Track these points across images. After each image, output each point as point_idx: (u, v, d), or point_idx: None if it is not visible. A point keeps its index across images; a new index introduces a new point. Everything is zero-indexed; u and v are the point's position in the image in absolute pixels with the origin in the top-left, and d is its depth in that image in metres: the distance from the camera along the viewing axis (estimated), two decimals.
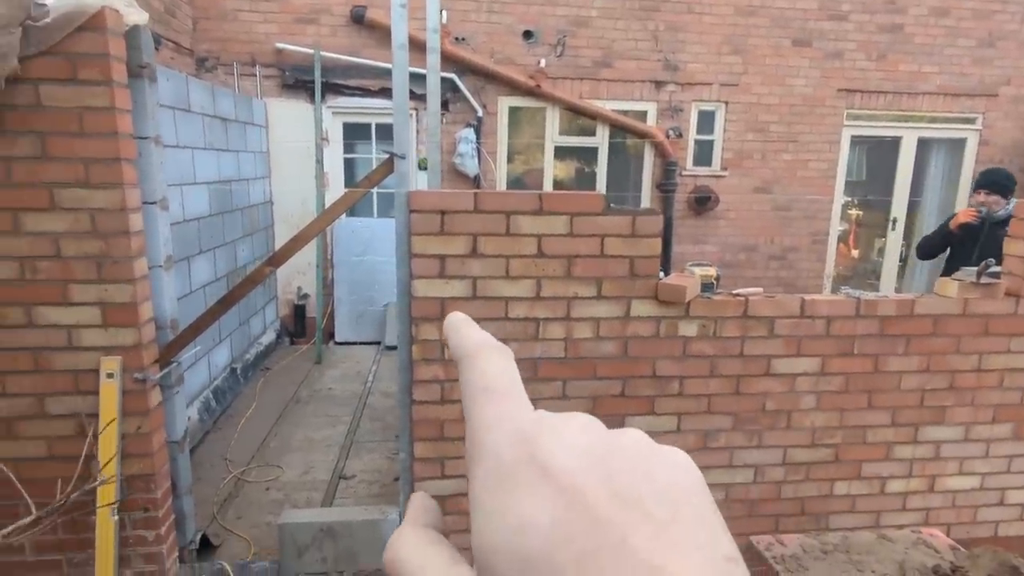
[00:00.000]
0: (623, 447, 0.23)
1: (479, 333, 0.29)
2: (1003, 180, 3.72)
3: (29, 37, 1.96)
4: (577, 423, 0.24)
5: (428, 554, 0.25)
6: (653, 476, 0.22)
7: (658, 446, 0.24)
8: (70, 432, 2.27)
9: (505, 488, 0.22)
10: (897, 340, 2.54)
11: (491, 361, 0.27)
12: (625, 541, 0.19)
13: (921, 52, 5.88)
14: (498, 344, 0.28)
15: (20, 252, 2.12)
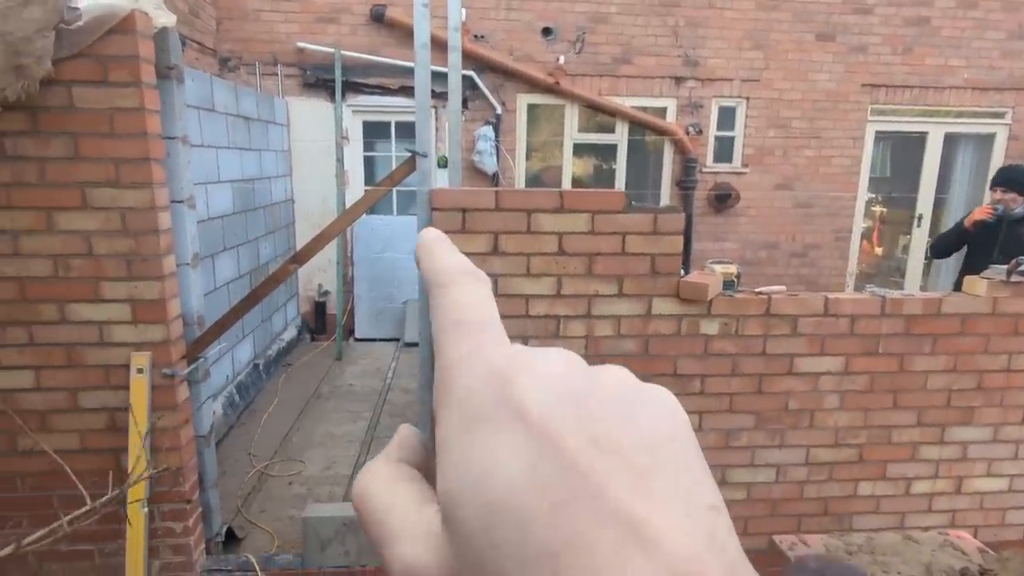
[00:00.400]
0: (603, 386, 0.21)
1: (455, 257, 0.26)
2: (1020, 177, 3.63)
3: (62, 40, 2.00)
4: (556, 359, 0.22)
5: (397, 491, 0.23)
6: (635, 420, 0.20)
7: (642, 385, 0.22)
8: (101, 426, 2.33)
9: (474, 430, 0.20)
10: (924, 339, 2.50)
11: (465, 291, 0.25)
12: (602, 490, 0.18)
13: (948, 45, 5.76)
14: (475, 270, 0.26)
15: (54, 250, 2.17)
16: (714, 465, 2.57)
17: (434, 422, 0.22)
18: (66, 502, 2.38)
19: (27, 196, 2.12)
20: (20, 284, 2.19)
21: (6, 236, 2.14)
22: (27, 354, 2.24)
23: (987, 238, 3.62)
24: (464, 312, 0.24)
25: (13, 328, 2.22)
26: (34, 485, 2.35)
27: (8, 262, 2.16)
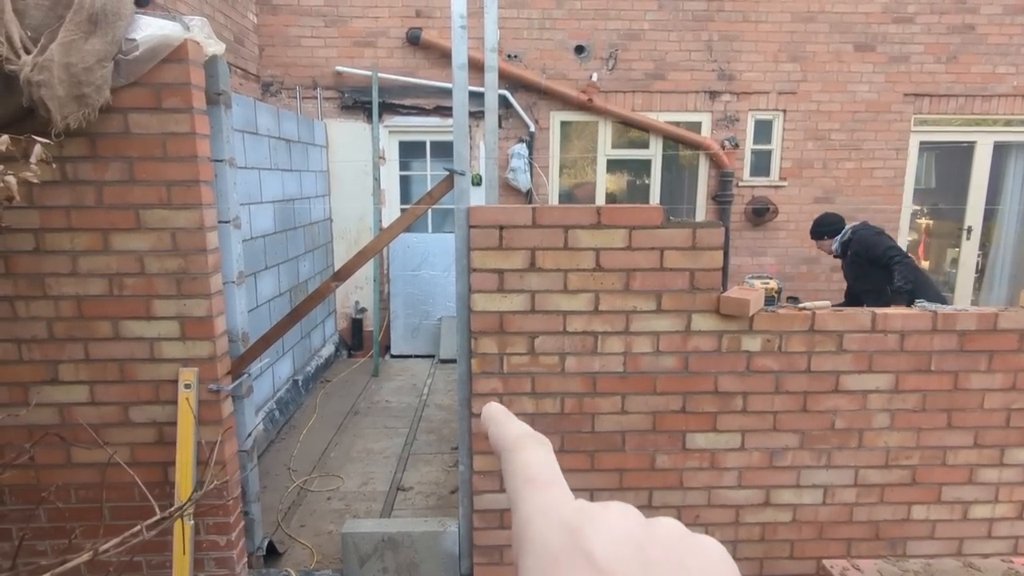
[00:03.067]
0: (659, 537, 0.24)
1: (518, 425, 0.31)
2: (820, 225, 4.26)
3: (120, 70, 2.11)
4: (616, 512, 0.25)
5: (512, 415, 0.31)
6: (686, 567, 0.23)
7: (691, 535, 0.25)
8: (151, 439, 2.39)
9: (549, 574, 0.23)
10: (979, 356, 2.40)
11: (532, 453, 0.29)
12: None
13: (995, 52, 5.59)
14: (537, 435, 0.31)
15: (109, 270, 2.26)
16: (758, 485, 2.50)
17: (515, 568, 0.26)
18: (115, 512, 2.45)
19: (85, 218, 2.22)
20: (78, 302, 2.28)
21: (65, 256, 2.25)
22: (83, 369, 2.33)
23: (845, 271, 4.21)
24: (533, 471, 0.28)
25: (71, 344, 2.31)
26: (86, 496, 2.42)
27: (67, 281, 2.26)
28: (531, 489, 0.27)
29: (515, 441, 0.30)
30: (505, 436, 0.31)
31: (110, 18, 2.02)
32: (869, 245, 3.90)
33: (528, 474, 0.28)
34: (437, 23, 5.43)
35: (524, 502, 0.27)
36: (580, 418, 2.44)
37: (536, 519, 0.26)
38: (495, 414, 0.33)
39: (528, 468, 0.28)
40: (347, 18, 5.48)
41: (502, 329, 2.38)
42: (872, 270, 3.87)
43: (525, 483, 0.28)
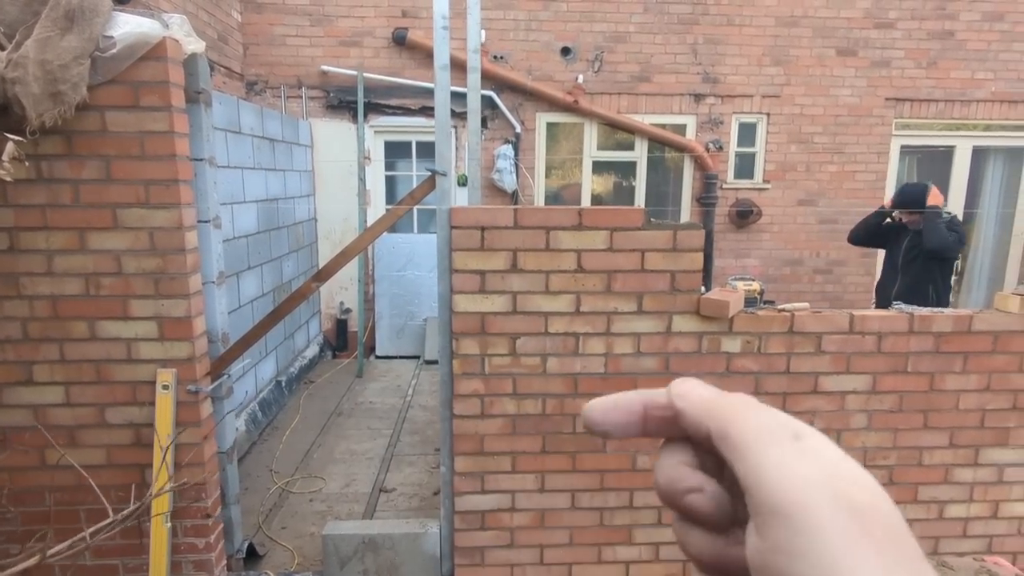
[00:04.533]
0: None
1: (711, 390, 0.29)
2: (909, 198, 3.86)
3: (97, 67, 2.08)
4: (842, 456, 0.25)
5: None
6: None
7: None
8: (127, 441, 2.37)
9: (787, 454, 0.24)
10: (954, 358, 2.44)
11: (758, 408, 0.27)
12: None
13: (974, 58, 5.68)
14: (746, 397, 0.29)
15: (85, 269, 2.23)
16: None
17: None
18: (92, 515, 2.42)
19: (61, 217, 2.19)
20: (53, 302, 2.25)
21: (41, 255, 2.21)
22: (58, 370, 2.30)
23: (896, 242, 3.91)
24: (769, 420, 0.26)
25: (46, 345, 2.28)
26: (61, 499, 2.39)
27: (42, 281, 2.23)
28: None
29: (732, 402, 0.28)
30: (719, 402, 0.28)
31: (87, 15, 2.00)
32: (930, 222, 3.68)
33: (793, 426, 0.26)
34: (423, 23, 5.42)
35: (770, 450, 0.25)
36: (562, 419, 2.45)
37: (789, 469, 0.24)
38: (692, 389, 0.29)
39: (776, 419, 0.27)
40: (333, 17, 5.46)
41: (484, 330, 2.38)
42: (937, 267, 3.73)
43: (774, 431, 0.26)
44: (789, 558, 0.22)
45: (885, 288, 4.01)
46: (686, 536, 0.29)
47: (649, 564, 2.58)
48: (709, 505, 0.27)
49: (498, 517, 2.51)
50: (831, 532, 0.22)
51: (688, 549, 0.29)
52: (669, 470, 0.29)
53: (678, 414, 0.28)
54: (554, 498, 2.51)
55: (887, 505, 0.23)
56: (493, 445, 2.46)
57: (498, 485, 2.49)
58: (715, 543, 0.28)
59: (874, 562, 0.21)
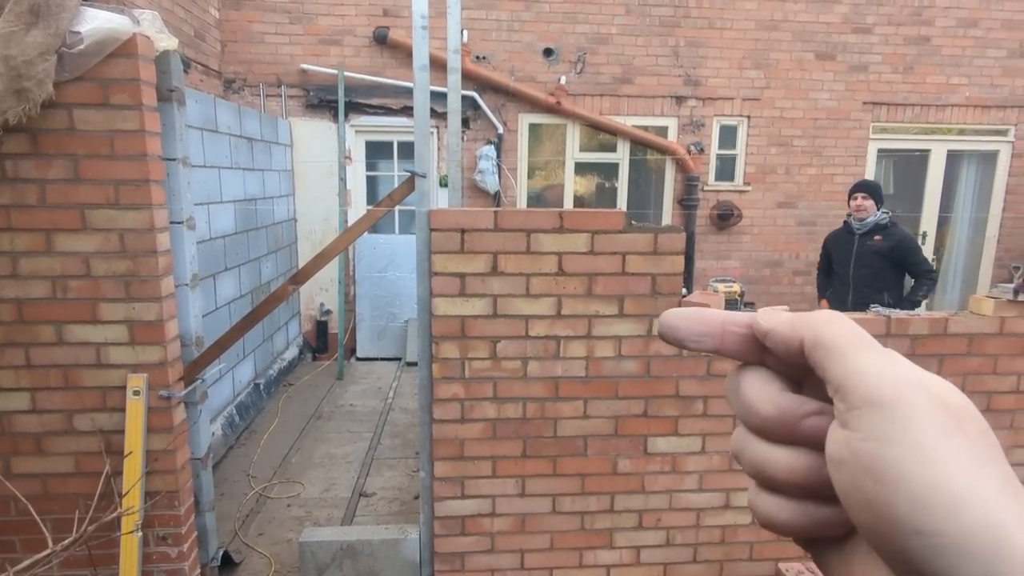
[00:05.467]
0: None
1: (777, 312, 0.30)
2: (876, 187, 3.92)
3: (64, 63, 2.02)
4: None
5: None
6: None
7: None
8: (97, 448, 2.30)
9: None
10: (930, 360, 2.46)
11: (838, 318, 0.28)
12: None
13: (949, 64, 5.78)
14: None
15: (52, 271, 2.17)
16: (718, 488, 2.52)
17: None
18: (58, 525, 2.35)
19: (27, 218, 2.13)
20: (18, 305, 2.18)
21: (5, 257, 2.14)
22: (23, 376, 2.23)
23: (844, 255, 3.91)
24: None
25: (11, 349, 2.21)
26: (25, 510, 2.31)
27: (6, 283, 2.16)
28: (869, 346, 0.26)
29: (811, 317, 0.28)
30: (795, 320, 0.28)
31: (53, 9, 1.93)
32: (912, 248, 3.76)
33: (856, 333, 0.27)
34: (404, 22, 5.37)
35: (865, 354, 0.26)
36: (542, 423, 2.43)
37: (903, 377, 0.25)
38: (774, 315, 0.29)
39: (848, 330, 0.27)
40: (313, 15, 5.39)
41: (464, 334, 2.35)
42: (890, 272, 3.73)
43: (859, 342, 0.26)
44: (881, 444, 0.23)
45: (837, 298, 3.93)
46: (775, 461, 0.28)
47: (630, 567, 2.57)
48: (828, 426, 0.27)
49: (478, 522, 2.48)
50: (927, 422, 0.23)
51: (772, 473, 0.28)
52: (777, 397, 0.28)
53: (767, 333, 0.28)
54: (535, 502, 2.49)
55: (975, 411, 0.24)
56: (473, 449, 2.43)
57: (478, 490, 2.46)
58: (812, 464, 0.27)
59: (967, 453, 0.22)
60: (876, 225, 3.76)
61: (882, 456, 0.23)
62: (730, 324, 0.30)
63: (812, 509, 0.27)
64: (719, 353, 0.30)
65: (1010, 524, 0.21)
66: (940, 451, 0.22)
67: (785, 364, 0.29)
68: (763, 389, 0.29)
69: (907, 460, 0.22)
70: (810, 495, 0.27)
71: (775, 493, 0.28)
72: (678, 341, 0.31)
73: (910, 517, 0.22)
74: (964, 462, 0.22)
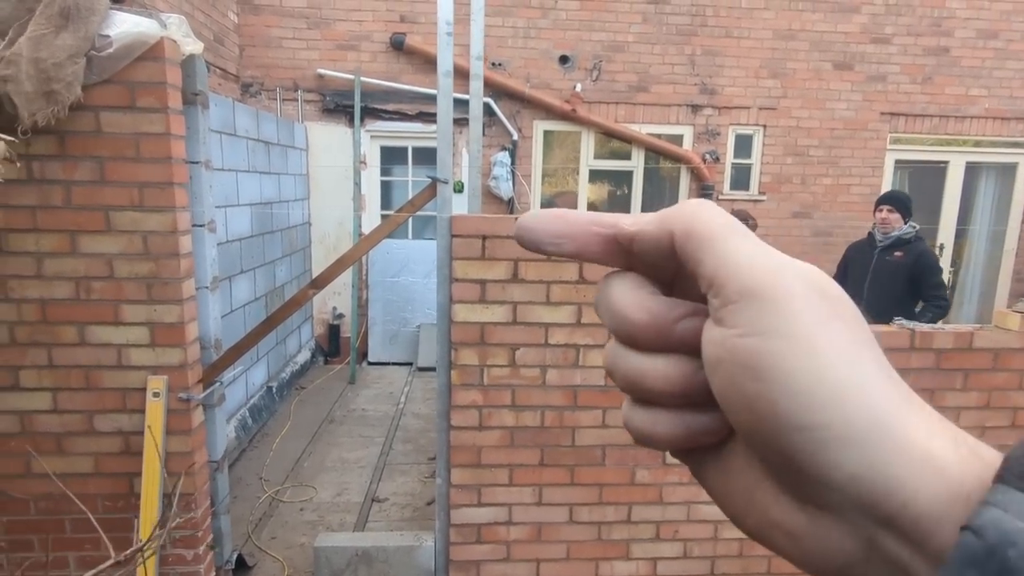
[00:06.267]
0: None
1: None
2: (904, 199, 3.72)
3: (92, 66, 2.03)
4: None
5: None
6: None
7: None
8: (116, 449, 2.31)
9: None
10: (954, 374, 2.43)
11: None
12: None
13: (968, 75, 5.74)
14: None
15: (76, 272, 2.18)
16: None
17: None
18: (77, 526, 2.36)
19: (52, 219, 2.14)
20: (42, 306, 2.19)
21: (30, 258, 2.16)
22: (46, 376, 2.24)
23: (862, 267, 3.72)
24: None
25: (34, 349, 2.22)
26: (46, 508, 2.33)
27: (31, 284, 2.17)
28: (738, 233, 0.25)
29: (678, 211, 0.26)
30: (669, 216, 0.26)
31: (83, 13, 1.95)
32: (932, 267, 3.55)
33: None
34: (421, 29, 5.40)
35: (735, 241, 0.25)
36: (560, 432, 2.42)
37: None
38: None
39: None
40: (330, 21, 5.43)
41: (483, 340, 2.34)
42: (905, 292, 3.55)
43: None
44: (762, 338, 0.22)
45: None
46: (648, 371, 0.26)
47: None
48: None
49: (494, 531, 2.47)
50: (806, 310, 0.22)
51: (647, 384, 0.26)
52: (649, 302, 0.26)
53: (634, 237, 0.26)
54: (552, 512, 2.47)
55: (848, 298, 0.24)
56: (490, 457, 2.42)
57: (495, 498, 2.45)
58: (688, 370, 0.25)
59: (845, 338, 0.22)
60: (899, 239, 3.59)
61: (761, 351, 0.22)
62: (595, 225, 0.28)
63: (690, 418, 0.26)
64: (581, 257, 0.28)
65: (889, 410, 0.21)
66: (820, 340, 0.21)
67: (655, 268, 0.27)
68: (633, 295, 0.27)
69: (788, 353, 0.21)
70: (687, 403, 0.26)
71: (650, 406, 0.27)
72: (535, 244, 0.28)
73: (793, 413, 0.21)
74: (844, 349, 0.21)
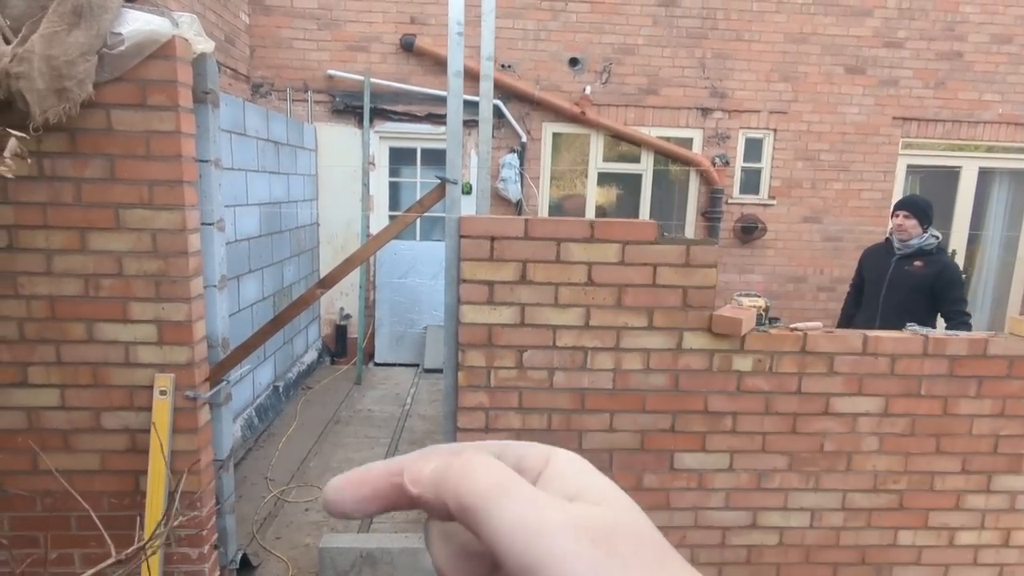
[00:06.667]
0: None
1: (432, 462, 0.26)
2: (923, 204, 3.47)
3: (104, 64, 2.04)
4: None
5: None
6: None
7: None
8: (122, 447, 2.31)
9: None
10: (968, 382, 2.40)
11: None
12: None
13: (982, 80, 5.68)
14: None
15: (85, 270, 2.18)
16: (745, 507, 2.47)
17: None
18: (82, 523, 2.36)
19: (62, 216, 2.14)
20: (51, 302, 2.20)
21: (40, 255, 2.16)
22: (54, 372, 2.24)
23: (878, 275, 3.51)
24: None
25: (42, 346, 2.22)
26: (52, 505, 2.33)
27: (40, 280, 2.18)
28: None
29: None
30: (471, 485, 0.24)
31: (95, 11, 1.96)
32: (955, 281, 3.30)
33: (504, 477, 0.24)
34: (431, 30, 5.40)
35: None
36: (567, 435, 2.40)
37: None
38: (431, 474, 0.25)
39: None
40: (341, 22, 5.44)
41: (490, 342, 2.33)
42: (923, 304, 3.31)
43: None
44: None
45: (866, 322, 3.51)
46: None
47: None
48: None
49: None
50: (580, 569, 0.21)
51: None
52: (452, 561, 0.26)
53: (416, 500, 0.25)
54: None
55: (627, 515, 0.23)
56: None
57: None
58: None
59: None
60: (920, 250, 3.35)
61: None
62: (394, 476, 0.26)
63: None
64: (395, 509, 0.26)
65: None
66: None
67: None
68: (440, 550, 0.26)
69: None
70: None
71: None
72: (344, 515, 0.27)
73: None
74: None
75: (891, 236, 3.54)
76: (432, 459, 0.26)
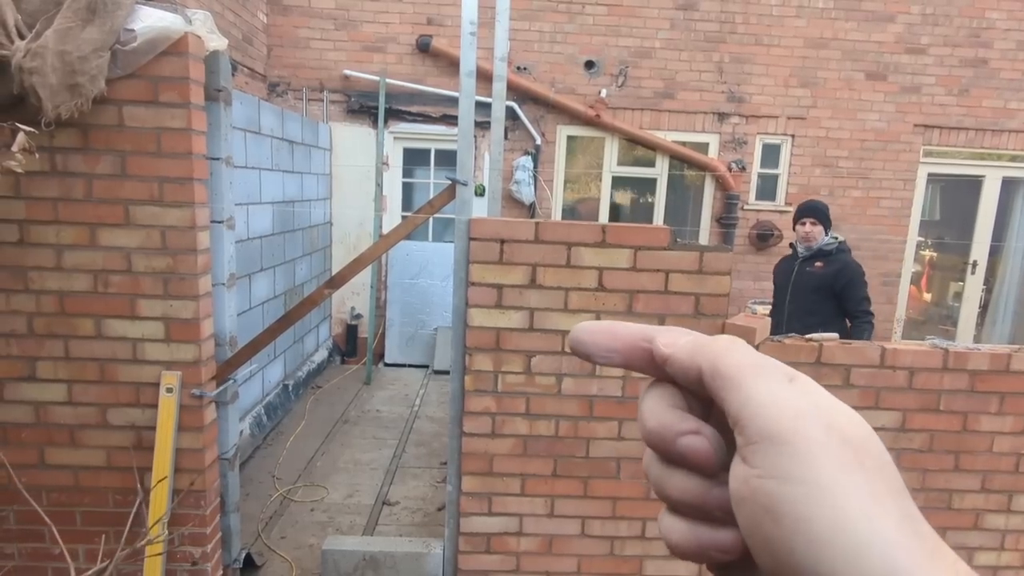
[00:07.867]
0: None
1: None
2: (824, 208, 3.51)
3: (116, 60, 2.04)
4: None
5: None
6: None
7: None
8: (128, 444, 2.30)
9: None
10: (990, 398, 2.32)
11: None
12: None
13: (1008, 87, 5.56)
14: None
15: (95, 265, 2.18)
16: None
17: None
18: (87, 518, 2.36)
19: (73, 211, 2.15)
20: (60, 298, 2.20)
21: (50, 250, 2.17)
22: (62, 368, 2.25)
23: (784, 280, 3.58)
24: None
25: (51, 341, 2.23)
26: (58, 500, 2.33)
27: (50, 276, 2.18)
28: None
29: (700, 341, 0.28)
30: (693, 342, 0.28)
31: (109, 7, 1.96)
32: (855, 280, 3.34)
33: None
34: (448, 32, 5.39)
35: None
36: (575, 442, 2.36)
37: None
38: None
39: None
40: (358, 22, 5.45)
41: (498, 346, 2.30)
42: (827, 306, 3.34)
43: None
44: (780, 482, 0.22)
45: (775, 323, 3.39)
46: (668, 479, 0.28)
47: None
48: (704, 447, 0.27)
49: (504, 541, 2.42)
50: (824, 458, 0.22)
51: (667, 491, 0.28)
52: (661, 413, 0.28)
53: (666, 360, 0.28)
54: (563, 524, 2.41)
55: (876, 441, 0.24)
56: (502, 466, 2.37)
57: (506, 508, 2.39)
58: (700, 485, 0.27)
59: (864, 488, 0.22)
60: (820, 251, 3.39)
61: (780, 495, 0.22)
62: (640, 340, 0.29)
63: (702, 531, 0.27)
64: (628, 368, 0.30)
65: (909, 567, 0.21)
66: (838, 489, 0.22)
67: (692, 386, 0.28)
68: (655, 404, 0.28)
69: (805, 500, 0.22)
70: (702, 517, 0.27)
71: (674, 514, 0.28)
72: (587, 356, 0.30)
73: (810, 560, 0.21)
74: (863, 500, 0.22)
75: (794, 243, 3.60)
76: (677, 331, 0.29)
